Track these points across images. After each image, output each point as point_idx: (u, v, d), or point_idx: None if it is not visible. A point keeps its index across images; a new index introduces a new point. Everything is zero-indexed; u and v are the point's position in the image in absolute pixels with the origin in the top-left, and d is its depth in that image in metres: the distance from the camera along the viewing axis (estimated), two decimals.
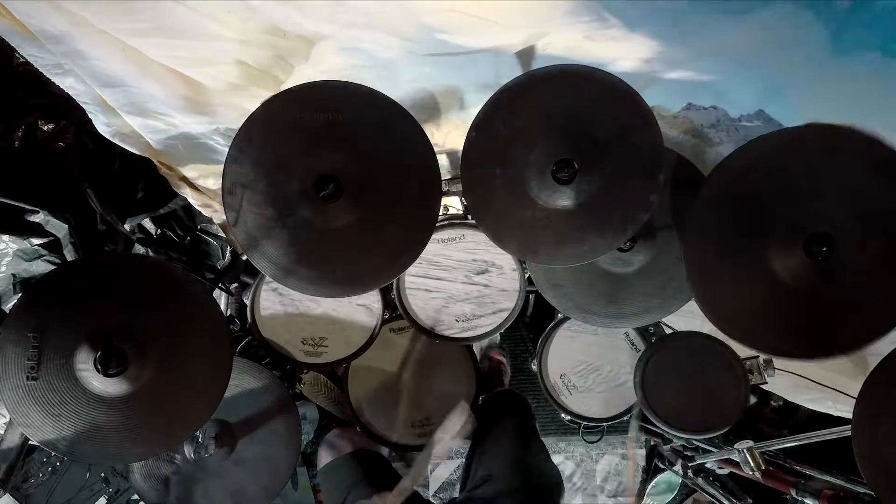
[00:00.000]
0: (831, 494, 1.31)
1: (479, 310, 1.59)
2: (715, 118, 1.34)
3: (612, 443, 2.39)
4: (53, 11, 1.21)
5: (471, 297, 1.58)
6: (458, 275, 1.57)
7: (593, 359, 1.73)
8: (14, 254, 1.70)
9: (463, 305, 1.58)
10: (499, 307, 1.59)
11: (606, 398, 1.73)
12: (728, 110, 1.31)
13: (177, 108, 1.44)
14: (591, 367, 1.73)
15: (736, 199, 1.08)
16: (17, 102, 1.67)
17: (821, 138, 1.04)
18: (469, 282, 1.57)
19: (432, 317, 1.58)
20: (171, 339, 1.08)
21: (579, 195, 1.10)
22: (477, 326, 1.60)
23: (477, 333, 1.60)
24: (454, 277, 1.57)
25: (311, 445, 2.20)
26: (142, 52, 1.29)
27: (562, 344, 1.74)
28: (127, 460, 1.40)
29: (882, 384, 1.04)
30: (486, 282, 1.57)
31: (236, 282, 1.97)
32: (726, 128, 1.34)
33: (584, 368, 1.73)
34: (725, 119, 1.33)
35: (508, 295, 1.58)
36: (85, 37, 1.26)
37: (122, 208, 1.79)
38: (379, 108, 1.11)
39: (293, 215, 1.09)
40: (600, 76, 1.10)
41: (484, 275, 1.57)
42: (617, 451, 2.39)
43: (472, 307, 1.58)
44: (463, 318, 1.59)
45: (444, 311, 1.58)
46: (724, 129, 1.35)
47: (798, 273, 1.02)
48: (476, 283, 1.57)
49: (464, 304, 1.58)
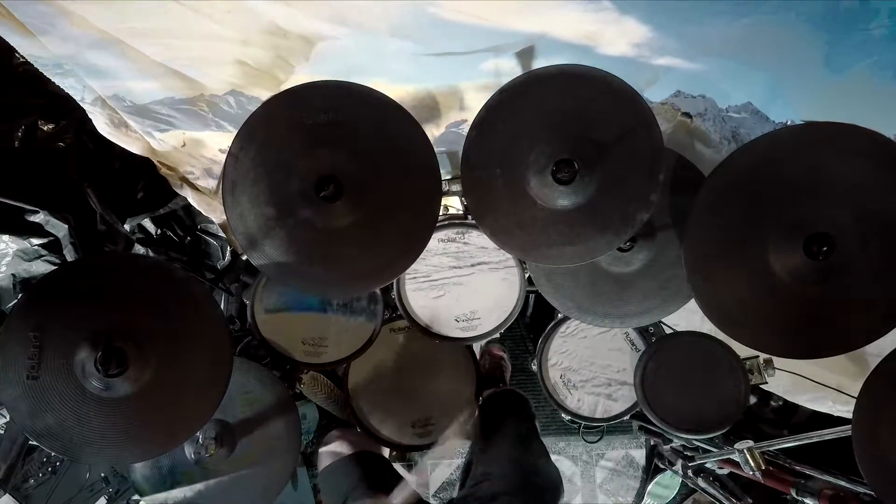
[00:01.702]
0: (831, 494, 1.31)
1: (478, 310, 1.59)
2: (703, 107, 1.34)
3: (612, 443, 2.39)
4: (54, 11, 1.21)
5: (471, 296, 1.58)
6: (458, 274, 1.57)
7: (593, 359, 1.73)
8: (14, 254, 1.70)
9: (463, 305, 1.58)
10: (499, 307, 1.59)
11: (606, 398, 1.73)
12: (716, 100, 1.32)
13: (177, 108, 1.44)
14: (591, 367, 1.73)
15: (736, 199, 1.08)
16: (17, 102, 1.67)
17: (821, 138, 1.04)
18: (469, 281, 1.57)
19: (432, 316, 1.58)
20: (171, 340, 1.08)
21: (579, 195, 1.10)
22: (477, 326, 1.60)
23: (477, 333, 1.60)
24: (454, 277, 1.57)
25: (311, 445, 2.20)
26: (142, 52, 1.29)
27: (562, 344, 1.74)
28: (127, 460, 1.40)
29: (882, 384, 1.04)
30: (486, 281, 1.57)
31: (236, 282, 1.97)
32: (713, 117, 1.35)
33: (584, 368, 1.73)
34: (713, 109, 1.34)
35: (508, 295, 1.58)
36: (85, 37, 1.26)
37: (122, 208, 1.79)
38: (379, 108, 1.11)
39: (293, 215, 1.09)
40: (600, 76, 1.10)
41: (484, 274, 1.57)
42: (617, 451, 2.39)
43: (471, 307, 1.58)
44: (463, 317, 1.59)
45: (444, 310, 1.58)
46: (710, 118, 1.35)
47: (798, 273, 1.02)
48: (476, 282, 1.57)
49: (464, 304, 1.58)
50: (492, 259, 1.56)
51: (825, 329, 1.04)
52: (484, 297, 1.58)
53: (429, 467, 2.34)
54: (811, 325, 1.05)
